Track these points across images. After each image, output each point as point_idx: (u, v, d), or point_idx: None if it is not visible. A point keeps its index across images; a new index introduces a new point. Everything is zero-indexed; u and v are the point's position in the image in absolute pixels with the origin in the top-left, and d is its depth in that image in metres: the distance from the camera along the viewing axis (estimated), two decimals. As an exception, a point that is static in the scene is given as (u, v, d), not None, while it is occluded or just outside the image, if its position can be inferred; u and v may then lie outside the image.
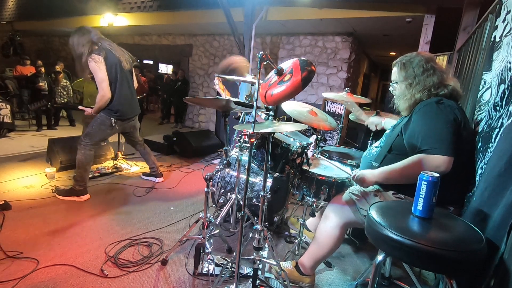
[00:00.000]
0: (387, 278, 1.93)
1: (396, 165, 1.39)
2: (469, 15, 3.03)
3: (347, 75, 5.70)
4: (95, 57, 2.58)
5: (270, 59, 1.33)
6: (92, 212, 2.58)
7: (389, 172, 1.41)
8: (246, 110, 2.07)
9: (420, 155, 1.30)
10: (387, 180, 1.44)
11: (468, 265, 0.97)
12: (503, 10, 1.48)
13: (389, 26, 4.81)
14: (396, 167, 1.39)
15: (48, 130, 5.85)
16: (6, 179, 3.13)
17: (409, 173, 1.33)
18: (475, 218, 1.22)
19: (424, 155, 1.29)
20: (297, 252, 2.15)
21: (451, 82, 1.47)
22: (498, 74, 1.37)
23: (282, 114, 2.33)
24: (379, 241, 1.08)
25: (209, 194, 1.81)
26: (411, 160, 1.33)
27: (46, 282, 1.69)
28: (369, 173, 1.49)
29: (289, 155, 1.83)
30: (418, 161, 1.30)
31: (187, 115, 7.86)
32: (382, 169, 1.45)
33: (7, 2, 9.18)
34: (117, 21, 6.78)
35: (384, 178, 1.44)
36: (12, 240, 2.05)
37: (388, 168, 1.43)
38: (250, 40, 5.06)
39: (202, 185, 3.42)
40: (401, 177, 1.38)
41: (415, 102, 1.47)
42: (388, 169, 1.42)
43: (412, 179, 1.32)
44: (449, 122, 1.31)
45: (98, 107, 2.71)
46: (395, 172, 1.39)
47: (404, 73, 1.52)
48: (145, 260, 1.96)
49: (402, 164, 1.36)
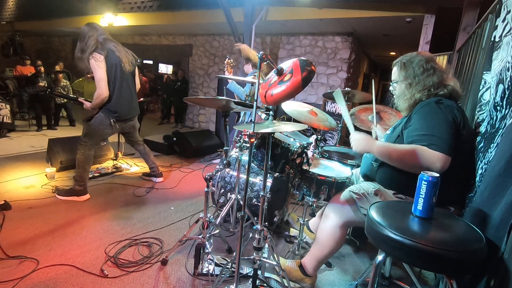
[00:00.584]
0: (387, 278, 1.93)
1: (396, 146, 1.40)
2: (469, 15, 3.03)
3: (347, 75, 5.70)
4: (96, 55, 2.61)
5: (270, 59, 1.33)
6: (92, 212, 2.58)
7: (388, 149, 1.41)
8: (246, 110, 2.07)
9: (419, 146, 1.29)
10: (381, 155, 1.42)
11: (468, 265, 0.97)
12: (503, 10, 1.48)
13: (389, 26, 4.82)
14: (395, 148, 1.39)
15: (48, 130, 5.86)
16: (6, 179, 3.13)
17: (404, 159, 1.33)
18: (475, 218, 1.22)
19: (423, 147, 1.28)
20: (297, 252, 2.15)
21: (451, 82, 1.47)
22: (497, 74, 1.37)
23: (282, 114, 2.33)
24: (379, 241, 1.08)
25: (209, 194, 1.81)
26: (410, 147, 1.32)
27: (46, 282, 1.69)
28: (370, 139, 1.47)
29: (289, 155, 1.82)
30: (415, 150, 1.29)
31: (187, 115, 7.86)
32: (383, 143, 1.45)
33: (7, 2, 9.18)
34: (117, 21, 6.79)
35: (381, 152, 1.42)
36: (12, 240, 2.05)
37: (388, 145, 1.43)
38: (250, 40, 5.05)
39: (202, 185, 3.42)
40: (396, 159, 1.37)
41: (414, 102, 1.47)
42: (388, 145, 1.42)
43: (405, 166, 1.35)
44: (448, 122, 1.31)
45: (95, 104, 2.73)
46: (393, 152, 1.38)
47: (404, 72, 1.52)
48: (145, 260, 1.96)
49: (401, 148, 1.36)
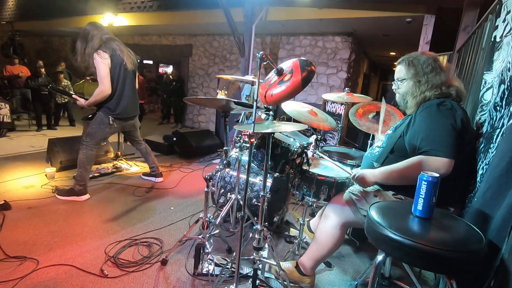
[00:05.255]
0: (387, 278, 1.93)
1: (396, 165, 1.39)
2: (469, 15, 3.03)
3: (347, 75, 5.70)
4: (101, 53, 2.62)
5: (270, 59, 1.33)
6: (92, 212, 2.58)
7: (389, 173, 1.41)
8: (246, 110, 2.07)
9: (421, 156, 1.29)
10: (386, 180, 1.44)
11: (468, 265, 0.97)
12: (503, 10, 1.48)
13: (389, 26, 4.81)
14: (396, 168, 1.38)
15: (48, 130, 5.86)
16: (6, 179, 3.13)
17: (409, 174, 1.32)
18: (477, 218, 1.22)
19: (425, 157, 1.28)
20: (297, 252, 2.15)
21: (456, 82, 1.47)
22: (498, 74, 1.37)
23: (282, 114, 2.33)
24: (379, 241, 1.08)
25: (209, 194, 1.81)
26: (411, 161, 1.33)
27: (46, 282, 1.69)
28: (369, 173, 1.49)
29: (289, 155, 1.82)
30: (418, 162, 1.30)
31: (187, 115, 7.86)
32: (382, 169, 1.45)
33: (7, 2, 9.17)
34: (117, 21, 6.78)
35: (384, 179, 1.44)
36: (12, 240, 2.05)
37: (388, 168, 1.43)
38: (250, 40, 5.06)
39: (202, 185, 3.42)
40: (401, 178, 1.38)
41: (423, 99, 1.46)
42: (388, 169, 1.42)
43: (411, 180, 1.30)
44: (450, 124, 1.31)
45: (94, 100, 2.71)
46: (395, 173, 1.39)
47: (413, 70, 1.50)
48: (145, 260, 1.96)
49: (402, 165, 1.36)
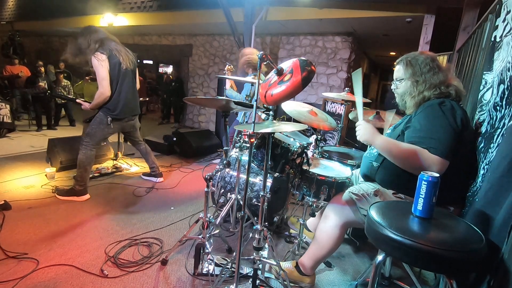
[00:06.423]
0: (387, 278, 1.93)
1: (399, 143, 1.40)
2: (469, 15, 3.02)
3: (347, 75, 5.70)
4: (98, 55, 2.63)
5: (270, 59, 1.33)
6: (92, 212, 2.58)
7: (390, 144, 1.41)
8: (246, 110, 2.07)
9: (420, 148, 1.30)
10: (383, 148, 1.43)
11: (467, 265, 0.97)
12: (503, 10, 1.48)
13: (389, 26, 4.81)
14: (397, 144, 1.39)
15: (48, 130, 5.86)
16: (6, 179, 3.13)
17: (403, 157, 1.34)
18: (478, 218, 1.22)
19: (423, 149, 1.29)
20: (297, 252, 2.15)
21: (455, 82, 1.48)
22: (498, 74, 1.37)
23: (282, 114, 2.33)
24: (379, 241, 1.08)
25: (209, 194, 1.81)
26: (411, 147, 1.33)
27: (46, 282, 1.69)
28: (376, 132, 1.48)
29: (289, 155, 1.82)
30: (415, 151, 1.30)
31: (187, 115, 7.86)
32: (388, 138, 1.45)
33: (7, 2, 9.18)
34: (117, 21, 6.78)
35: (382, 146, 1.43)
36: (12, 240, 2.05)
37: (391, 140, 1.43)
38: (250, 40, 5.05)
39: (202, 185, 3.42)
40: (396, 155, 1.38)
41: (422, 99, 1.46)
42: (392, 141, 1.42)
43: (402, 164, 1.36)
44: (449, 125, 1.31)
45: (95, 103, 2.73)
46: (394, 148, 1.39)
47: (411, 70, 1.51)
48: (145, 260, 1.96)
49: (402, 146, 1.37)
